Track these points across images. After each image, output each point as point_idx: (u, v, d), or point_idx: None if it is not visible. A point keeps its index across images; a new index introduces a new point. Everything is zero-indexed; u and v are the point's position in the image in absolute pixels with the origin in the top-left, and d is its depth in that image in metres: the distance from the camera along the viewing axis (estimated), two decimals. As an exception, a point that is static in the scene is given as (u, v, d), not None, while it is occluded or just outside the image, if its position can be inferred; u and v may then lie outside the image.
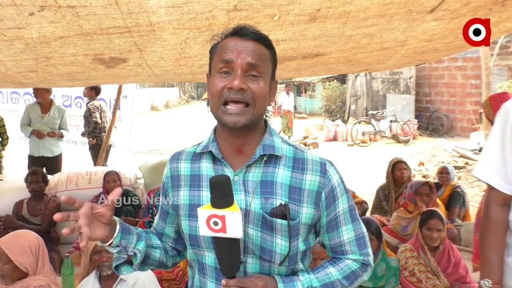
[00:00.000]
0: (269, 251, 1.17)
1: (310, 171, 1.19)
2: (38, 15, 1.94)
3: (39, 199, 4.22)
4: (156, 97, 27.99)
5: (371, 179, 6.58)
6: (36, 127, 5.35)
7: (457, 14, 2.22)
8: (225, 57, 1.12)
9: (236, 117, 1.11)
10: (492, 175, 1.57)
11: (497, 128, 1.58)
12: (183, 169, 1.28)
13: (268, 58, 1.18)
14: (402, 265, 3.04)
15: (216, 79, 1.14)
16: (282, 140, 1.25)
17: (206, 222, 1.06)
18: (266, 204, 1.16)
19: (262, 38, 1.17)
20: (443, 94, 13.73)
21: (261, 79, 1.13)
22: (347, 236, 1.24)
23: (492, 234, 1.58)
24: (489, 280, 1.55)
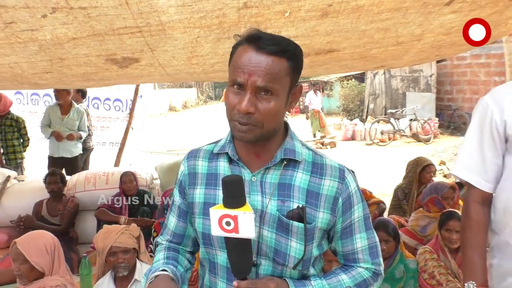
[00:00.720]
0: (283, 254, 1.17)
1: (328, 176, 1.19)
2: (50, 17, 1.97)
3: (58, 200, 4.29)
4: (174, 97, 28.22)
5: (390, 179, 6.47)
6: (56, 128, 5.45)
7: (476, 6, 2.14)
8: (236, 78, 1.09)
9: (243, 134, 1.11)
10: (470, 173, 1.52)
11: (475, 124, 1.53)
12: (200, 167, 1.27)
13: (285, 72, 1.10)
14: (422, 267, 2.95)
15: (229, 93, 1.13)
16: (301, 144, 1.24)
17: (218, 222, 1.06)
18: (283, 206, 1.16)
19: (281, 50, 1.08)
20: (466, 91, 13.41)
21: (273, 98, 1.09)
22: (360, 244, 1.24)
23: (474, 234, 1.53)
24: (473, 283, 1.49)
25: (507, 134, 1.44)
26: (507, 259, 1.47)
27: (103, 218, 4.17)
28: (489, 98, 1.51)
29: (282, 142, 1.21)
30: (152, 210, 4.38)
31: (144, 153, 10.53)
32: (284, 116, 1.20)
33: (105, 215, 4.18)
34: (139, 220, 4.05)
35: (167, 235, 1.37)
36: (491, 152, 1.48)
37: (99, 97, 7.09)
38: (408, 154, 10.03)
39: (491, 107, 1.48)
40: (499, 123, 1.45)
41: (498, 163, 1.48)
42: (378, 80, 15.33)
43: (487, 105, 1.49)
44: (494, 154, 1.48)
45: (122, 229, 2.59)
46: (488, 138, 1.48)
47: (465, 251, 1.56)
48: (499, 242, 1.50)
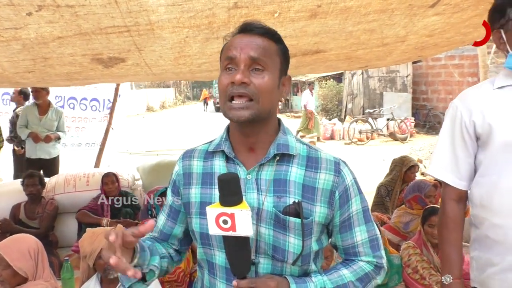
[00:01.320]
0: (281, 250, 1.16)
1: (324, 170, 1.18)
2: (36, 15, 1.92)
3: (37, 202, 4.17)
4: (151, 97, 27.89)
5: (369, 177, 6.58)
6: (33, 129, 5.28)
7: (458, 8, 2.20)
8: (229, 54, 1.12)
9: (239, 112, 1.10)
10: (445, 172, 1.59)
11: (447, 126, 1.61)
12: (196, 167, 1.27)
13: (275, 52, 1.15)
14: (405, 262, 3.04)
15: (222, 76, 1.14)
16: (296, 139, 1.24)
17: (215, 220, 1.04)
18: (279, 202, 1.15)
19: (268, 32, 1.15)
20: (440, 91, 13.78)
21: (265, 72, 1.11)
22: (360, 237, 1.22)
23: (450, 231, 1.60)
24: (450, 276, 1.58)
25: (477, 133, 1.52)
26: (486, 251, 1.53)
27: (85, 221, 4.09)
28: (458, 101, 1.59)
29: (275, 137, 1.20)
30: (135, 212, 4.32)
31: (122, 154, 10.38)
32: (277, 103, 1.20)
33: (86, 218, 4.09)
34: (122, 221, 3.99)
35: (154, 233, 1.37)
36: (463, 152, 1.55)
37: (75, 97, 6.90)
38: (386, 153, 10.24)
39: (460, 109, 1.55)
40: (468, 124, 1.53)
41: (470, 162, 1.56)
42: (356, 80, 15.57)
43: (457, 107, 1.57)
44: (466, 153, 1.55)
45: (109, 230, 2.55)
46: (459, 139, 1.55)
47: (442, 246, 1.64)
48: (479, 236, 1.57)
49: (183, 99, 34.61)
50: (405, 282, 3.04)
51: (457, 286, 1.57)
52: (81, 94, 6.96)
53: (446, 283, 1.58)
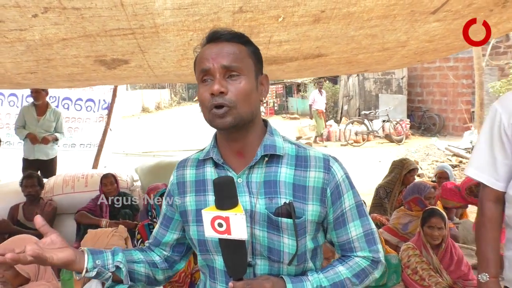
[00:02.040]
0: (277, 251, 1.17)
1: (313, 167, 1.19)
2: (41, 16, 1.92)
3: (35, 203, 4.18)
4: (147, 98, 27.82)
5: (366, 179, 6.63)
6: (31, 129, 5.26)
7: (459, 15, 2.24)
8: (202, 67, 1.14)
9: (223, 119, 1.13)
10: (483, 173, 1.63)
11: (486, 128, 1.64)
12: (189, 176, 1.29)
13: (246, 54, 1.17)
14: (405, 263, 3.07)
15: (200, 89, 1.16)
16: (284, 139, 1.25)
17: (211, 223, 1.06)
18: (271, 204, 1.17)
19: (235, 36, 1.17)
20: (435, 93, 13.87)
21: (241, 77, 1.14)
22: (355, 232, 1.23)
23: (488, 230, 1.64)
24: (486, 274, 1.61)
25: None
26: None
27: (84, 222, 4.09)
28: (497, 104, 1.62)
29: (262, 139, 1.22)
30: (134, 213, 4.33)
31: (119, 155, 10.35)
32: (259, 104, 1.22)
33: (85, 219, 4.10)
34: (121, 222, 4.00)
35: (151, 239, 1.41)
36: (501, 154, 1.58)
37: (70, 97, 6.82)
38: (382, 154, 10.31)
39: (500, 112, 1.59)
40: (506, 127, 1.56)
41: (508, 163, 1.59)
42: (352, 82, 15.64)
43: (496, 110, 1.61)
44: (504, 155, 1.58)
45: (111, 231, 2.56)
46: (498, 141, 1.59)
47: (479, 245, 1.67)
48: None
49: (178, 100, 34.53)
50: (404, 283, 3.07)
51: (493, 285, 1.60)
52: (76, 95, 6.90)
53: (483, 281, 1.61)
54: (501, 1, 2.16)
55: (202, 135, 13.34)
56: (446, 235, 3.04)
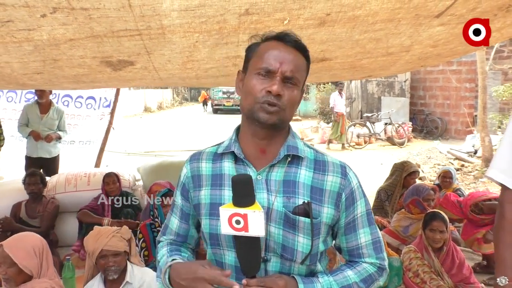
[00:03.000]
0: (290, 249, 1.20)
1: (331, 172, 1.24)
2: (50, 17, 1.94)
3: (38, 201, 4.19)
4: (149, 98, 27.83)
5: (367, 181, 6.63)
6: (34, 127, 5.26)
7: (463, 19, 2.25)
8: (267, 66, 1.17)
9: (270, 115, 1.17)
10: (505, 175, 1.61)
11: (509, 131, 1.62)
12: (205, 169, 1.30)
13: (305, 68, 1.25)
14: (406, 266, 3.08)
15: (255, 80, 1.19)
16: (303, 143, 1.30)
17: (228, 220, 1.08)
18: (289, 203, 1.20)
19: (302, 48, 1.24)
20: (438, 97, 13.86)
21: (295, 87, 1.20)
22: (364, 239, 1.27)
23: (507, 233, 1.61)
24: (505, 277, 1.58)
25: None
26: None
27: (86, 220, 4.10)
28: None
29: (285, 140, 1.26)
30: (136, 212, 4.34)
31: (121, 154, 10.37)
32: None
33: (87, 217, 4.11)
34: (123, 221, 4.01)
35: (170, 235, 1.41)
36: None
37: (70, 94, 6.79)
38: (384, 157, 10.30)
39: None
40: None
41: None
42: (354, 84, 15.64)
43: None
44: None
45: (113, 231, 2.56)
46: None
47: (498, 248, 1.65)
48: None
49: (180, 100, 34.57)
50: (406, 286, 3.08)
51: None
52: (76, 92, 6.80)
53: (502, 284, 1.59)
54: (505, 5, 2.17)
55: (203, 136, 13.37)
56: (447, 238, 3.05)
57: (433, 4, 2.06)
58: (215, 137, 1.82)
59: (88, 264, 2.70)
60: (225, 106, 24.02)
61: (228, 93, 23.54)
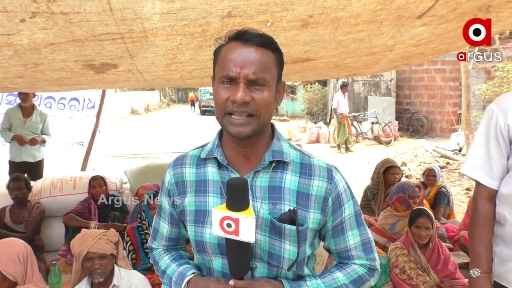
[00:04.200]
0: (277, 256, 1.18)
1: (317, 176, 1.19)
2: (29, 21, 1.91)
3: (23, 206, 4.13)
4: (136, 100, 27.64)
5: (355, 180, 6.68)
6: (17, 132, 5.16)
7: (444, 20, 2.28)
8: (227, 73, 1.10)
9: (240, 128, 1.10)
10: (478, 171, 1.67)
11: (482, 128, 1.68)
12: (188, 175, 1.26)
13: (273, 64, 1.14)
14: (393, 263, 3.11)
15: (220, 89, 1.12)
16: (289, 145, 1.25)
17: (220, 223, 1.07)
18: (274, 209, 1.17)
19: (266, 42, 1.13)
20: (423, 96, 14.03)
21: (265, 88, 1.11)
22: (353, 241, 1.25)
23: (480, 227, 1.68)
24: (478, 269, 1.65)
25: (511, 137, 1.59)
26: (508, 247, 1.61)
27: (72, 224, 4.06)
28: (494, 105, 1.66)
29: (270, 143, 1.21)
30: (123, 215, 4.31)
31: (108, 157, 10.27)
32: (273, 112, 1.20)
33: (74, 221, 4.06)
34: (110, 225, 3.98)
35: (162, 240, 1.39)
36: (497, 153, 1.62)
37: (53, 96, 6.65)
38: (371, 156, 10.38)
39: (496, 113, 1.62)
40: (503, 127, 1.60)
41: (503, 163, 1.63)
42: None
43: (492, 110, 1.64)
44: (499, 155, 1.62)
45: (100, 234, 2.54)
46: (494, 141, 1.62)
47: (472, 242, 1.71)
48: (503, 232, 1.64)
49: (168, 102, 34.40)
50: (392, 282, 3.12)
51: (484, 280, 1.64)
52: (59, 93, 6.66)
53: (474, 276, 1.65)
54: (484, 6, 2.20)
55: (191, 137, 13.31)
56: (433, 234, 3.09)
57: (414, 5, 2.08)
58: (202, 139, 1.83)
59: (75, 268, 2.67)
60: (212, 107, 23.94)
61: (215, 94, 23.50)
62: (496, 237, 1.68)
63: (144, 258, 3.53)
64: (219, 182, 1.21)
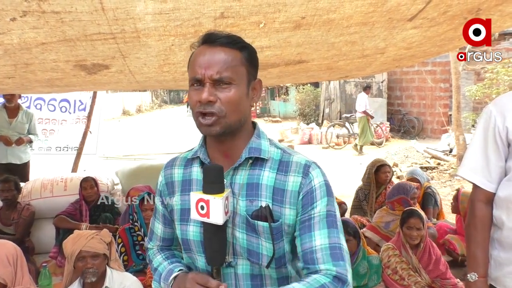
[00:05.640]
0: (255, 253, 1.19)
1: (293, 172, 1.19)
2: (20, 20, 1.89)
3: (12, 208, 4.09)
4: (127, 101, 27.47)
5: (347, 181, 6.70)
6: (3, 133, 5.06)
7: (434, 23, 2.30)
8: (194, 74, 1.14)
9: (209, 127, 1.14)
10: (476, 174, 1.64)
11: (480, 130, 1.65)
12: (177, 175, 1.31)
13: (240, 62, 1.16)
14: (385, 263, 3.14)
15: (191, 92, 1.17)
16: (270, 143, 1.25)
17: (196, 205, 1.10)
18: (251, 206, 1.18)
19: (231, 42, 1.16)
20: (414, 97, 14.13)
21: (232, 86, 1.13)
22: (320, 242, 1.14)
23: (478, 230, 1.66)
24: (475, 274, 1.63)
25: (509, 139, 1.56)
26: (506, 251, 1.60)
27: (63, 226, 4.03)
28: (492, 106, 1.63)
29: (249, 141, 1.22)
30: (115, 217, 4.28)
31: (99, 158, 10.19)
32: (249, 109, 1.22)
33: (64, 223, 4.03)
34: (101, 226, 3.95)
35: (157, 241, 1.42)
36: (495, 156, 1.59)
37: (43, 97, 6.53)
38: (363, 157, 10.44)
39: (494, 114, 1.59)
40: (501, 129, 1.57)
41: (502, 165, 1.60)
42: (333, 85, 15.80)
43: (491, 112, 1.61)
44: (498, 157, 1.59)
45: (92, 233, 2.53)
46: (492, 143, 1.59)
47: (469, 245, 1.69)
48: (500, 236, 1.62)
49: (159, 103, 34.26)
50: (385, 283, 3.14)
51: (481, 284, 1.62)
52: (49, 95, 6.56)
53: (472, 280, 1.63)
54: (474, 9, 2.23)
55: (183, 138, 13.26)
56: (424, 235, 3.12)
57: (405, 8, 2.10)
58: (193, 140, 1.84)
59: (67, 269, 2.65)
60: (204, 108, 23.89)
61: (208, 96, 23.40)
62: (493, 240, 1.66)
63: (136, 259, 3.52)
64: None
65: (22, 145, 5.16)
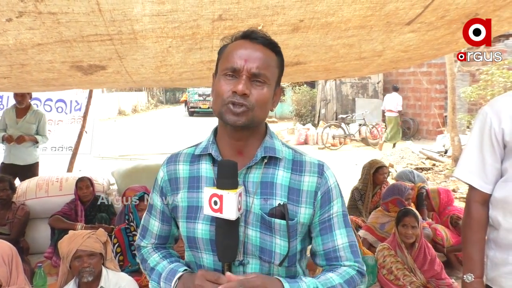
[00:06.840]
0: (268, 251, 1.19)
1: (308, 172, 1.22)
2: (16, 21, 1.88)
3: (7, 208, 4.06)
4: (123, 101, 27.31)
5: (343, 181, 6.69)
6: (11, 132, 4.99)
7: (432, 27, 2.31)
8: (232, 64, 1.14)
9: (237, 117, 1.14)
10: (472, 175, 1.65)
11: (476, 132, 1.66)
12: (182, 171, 1.28)
13: (275, 64, 1.20)
14: (380, 263, 3.15)
15: (222, 81, 1.16)
16: (281, 143, 1.28)
17: (209, 201, 1.10)
18: (266, 204, 1.19)
19: (271, 43, 1.19)
20: (409, 98, 14.17)
21: (265, 85, 1.16)
22: (341, 241, 1.23)
23: (474, 231, 1.66)
24: (471, 274, 1.64)
25: (505, 140, 1.57)
26: (502, 251, 1.60)
27: (58, 226, 4.01)
28: (488, 108, 1.63)
29: (263, 141, 1.24)
30: (110, 217, 4.26)
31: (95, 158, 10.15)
32: (269, 111, 1.24)
33: (60, 223, 4.01)
34: (97, 226, 3.93)
35: (152, 238, 1.39)
36: (491, 157, 1.60)
37: (39, 97, 6.43)
38: (359, 157, 10.45)
39: (490, 116, 1.59)
40: (497, 131, 1.57)
41: (497, 167, 1.61)
42: (329, 86, 15.83)
43: (486, 114, 1.61)
44: (494, 158, 1.60)
45: (88, 233, 2.52)
46: (488, 144, 1.60)
47: (465, 246, 1.69)
48: (496, 236, 1.63)
49: (155, 103, 34.13)
50: (380, 283, 3.15)
51: (478, 285, 1.62)
52: (45, 95, 6.55)
53: (468, 281, 1.63)
54: (471, 13, 2.24)
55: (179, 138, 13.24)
56: (419, 234, 3.14)
57: (403, 12, 2.10)
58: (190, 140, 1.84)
59: (62, 270, 2.63)
60: (201, 108, 23.86)
61: (204, 96, 23.37)
62: (489, 241, 1.67)
63: (132, 259, 3.50)
64: (213, 179, 1.22)
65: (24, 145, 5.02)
